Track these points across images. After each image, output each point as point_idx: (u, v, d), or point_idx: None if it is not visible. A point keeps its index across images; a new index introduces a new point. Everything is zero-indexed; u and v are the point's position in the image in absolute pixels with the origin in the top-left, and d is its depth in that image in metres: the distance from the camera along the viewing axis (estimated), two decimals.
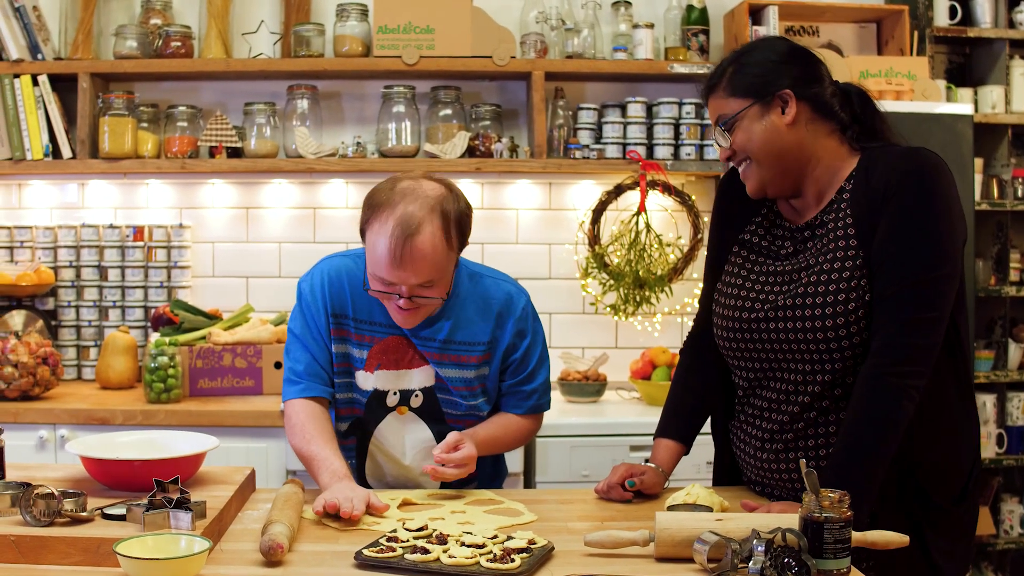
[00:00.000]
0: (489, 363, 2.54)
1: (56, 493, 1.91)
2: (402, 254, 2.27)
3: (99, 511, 1.97)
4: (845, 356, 2.14)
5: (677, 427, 2.48)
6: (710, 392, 2.46)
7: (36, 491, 1.91)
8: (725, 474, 2.50)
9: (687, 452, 2.49)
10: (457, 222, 2.37)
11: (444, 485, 2.51)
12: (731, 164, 2.27)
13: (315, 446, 2.37)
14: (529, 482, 3.69)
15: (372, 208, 2.34)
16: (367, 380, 2.51)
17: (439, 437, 2.48)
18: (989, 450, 4.26)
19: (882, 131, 2.25)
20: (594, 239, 4.29)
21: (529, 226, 4.39)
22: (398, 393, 2.51)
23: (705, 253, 2.53)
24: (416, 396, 2.52)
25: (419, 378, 2.51)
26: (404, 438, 2.53)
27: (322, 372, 2.49)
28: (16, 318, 4.10)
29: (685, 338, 2.58)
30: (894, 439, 2.08)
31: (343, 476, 2.28)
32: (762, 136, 2.18)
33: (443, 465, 2.34)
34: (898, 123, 2.31)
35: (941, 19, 4.32)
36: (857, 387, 2.11)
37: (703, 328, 2.48)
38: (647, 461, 2.45)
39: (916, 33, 4.25)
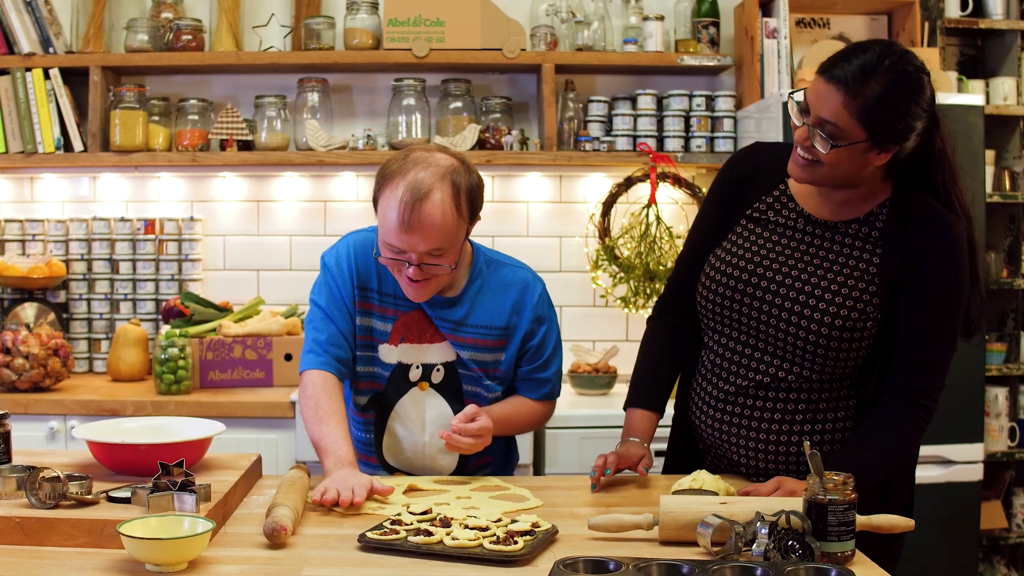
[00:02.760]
0: (505, 348, 2.54)
1: (62, 476, 1.92)
2: (411, 218, 2.28)
3: (104, 494, 1.98)
4: (816, 357, 2.21)
5: (650, 395, 2.50)
6: (681, 359, 2.50)
7: (42, 474, 1.92)
8: (680, 436, 2.53)
9: (660, 418, 2.50)
10: (468, 192, 2.37)
11: (459, 465, 2.55)
12: (800, 152, 2.19)
13: (327, 427, 2.37)
14: (539, 473, 3.69)
15: (385, 177, 2.36)
16: (391, 353, 2.52)
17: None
18: (1001, 444, 4.23)
19: (936, 177, 2.23)
20: (604, 231, 4.28)
21: (539, 219, 4.38)
22: (420, 367, 2.52)
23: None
24: (438, 370, 2.53)
25: (441, 352, 2.52)
26: (424, 414, 2.54)
27: (344, 344, 2.50)
28: (28, 311, 4.12)
29: (655, 303, 2.59)
30: (894, 462, 2.26)
31: (347, 463, 2.28)
32: (853, 165, 2.15)
33: (459, 435, 2.36)
34: None
35: (952, 11, 4.30)
36: (877, 411, 2.23)
37: (676, 293, 2.51)
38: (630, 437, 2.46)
39: (927, 25, 4.23)
